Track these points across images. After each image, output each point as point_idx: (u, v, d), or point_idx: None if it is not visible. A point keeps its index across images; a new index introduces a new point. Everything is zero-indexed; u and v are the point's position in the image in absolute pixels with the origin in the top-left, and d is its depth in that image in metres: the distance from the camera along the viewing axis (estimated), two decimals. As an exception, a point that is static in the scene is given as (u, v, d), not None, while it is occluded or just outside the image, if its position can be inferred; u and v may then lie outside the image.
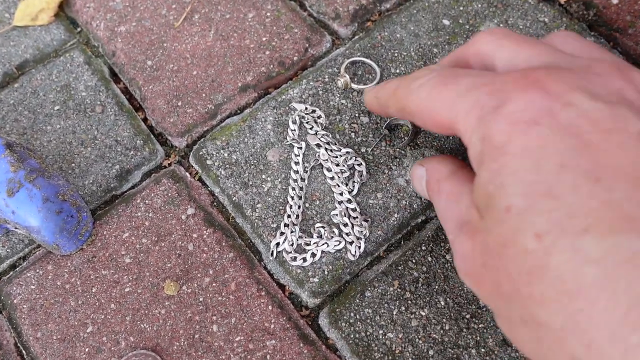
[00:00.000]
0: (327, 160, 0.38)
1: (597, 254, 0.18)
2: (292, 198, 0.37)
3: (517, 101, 0.22)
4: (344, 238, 0.36)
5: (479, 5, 0.44)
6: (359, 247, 0.35)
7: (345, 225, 0.36)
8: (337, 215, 0.36)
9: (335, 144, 0.39)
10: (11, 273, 0.37)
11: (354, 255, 0.35)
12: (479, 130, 0.23)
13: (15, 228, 0.37)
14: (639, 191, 0.19)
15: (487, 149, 0.23)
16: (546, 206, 0.20)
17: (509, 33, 0.27)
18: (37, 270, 0.37)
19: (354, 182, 0.37)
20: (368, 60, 0.42)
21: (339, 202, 0.37)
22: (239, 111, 0.42)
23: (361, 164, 0.38)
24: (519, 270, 0.21)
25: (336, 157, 0.38)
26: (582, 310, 0.18)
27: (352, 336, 0.33)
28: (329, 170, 0.38)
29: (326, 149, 0.39)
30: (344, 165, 0.38)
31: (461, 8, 0.44)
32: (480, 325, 0.33)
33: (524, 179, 0.21)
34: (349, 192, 0.37)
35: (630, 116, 0.21)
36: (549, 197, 0.20)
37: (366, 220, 0.36)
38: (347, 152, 0.38)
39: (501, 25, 0.43)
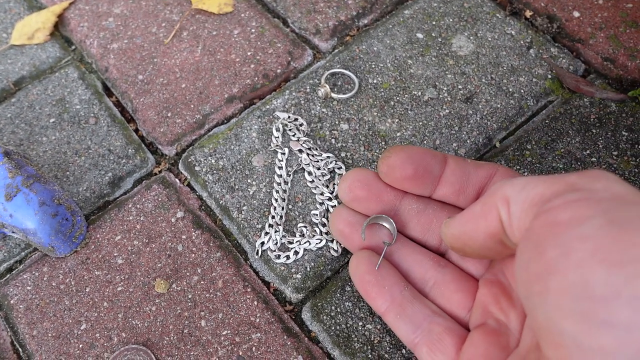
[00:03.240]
0: (308, 164, 0.41)
1: None
2: (276, 200, 0.39)
3: None
4: (325, 237, 0.38)
5: (450, 20, 0.47)
6: (340, 243, 0.37)
7: (324, 225, 0.38)
8: (317, 215, 0.39)
9: (317, 149, 0.41)
10: (8, 275, 0.39)
11: (336, 251, 0.37)
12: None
13: (13, 232, 0.39)
14: None
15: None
16: None
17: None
18: (33, 272, 0.39)
19: (334, 184, 0.40)
20: (347, 72, 0.44)
21: (319, 202, 0.39)
22: (225, 121, 0.44)
23: (341, 167, 0.40)
24: None
25: (317, 161, 0.40)
26: None
27: (333, 328, 0.35)
28: (310, 174, 0.40)
29: (308, 154, 0.41)
30: (324, 169, 0.40)
31: (434, 22, 0.47)
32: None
33: None
34: (331, 193, 0.39)
35: None
36: None
37: None
38: (328, 157, 0.41)
39: (471, 38, 0.46)
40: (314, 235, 0.38)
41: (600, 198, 0.21)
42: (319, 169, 0.40)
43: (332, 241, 0.38)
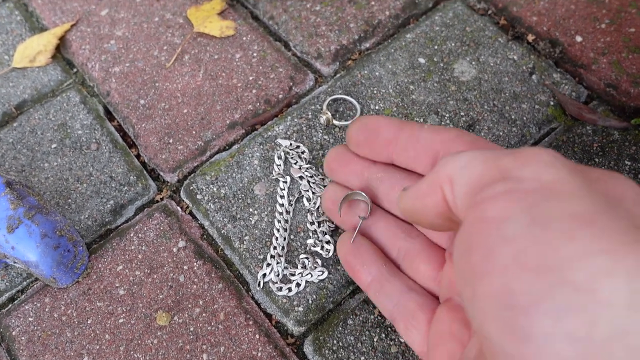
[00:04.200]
0: (307, 190, 0.41)
1: None
2: (278, 230, 0.39)
3: None
4: (326, 269, 0.38)
5: (452, 44, 0.47)
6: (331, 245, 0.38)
7: (318, 255, 0.38)
8: (312, 243, 0.39)
9: (318, 176, 0.41)
10: (10, 306, 0.39)
11: (327, 252, 0.38)
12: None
13: (14, 262, 0.39)
14: None
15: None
16: None
17: None
18: (35, 303, 0.39)
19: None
20: (349, 98, 0.44)
21: (312, 231, 0.39)
22: (227, 147, 0.44)
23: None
24: None
25: (317, 188, 0.40)
26: None
27: (335, 362, 0.35)
28: (308, 200, 0.40)
29: (308, 181, 0.41)
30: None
31: (435, 47, 0.47)
32: (455, 350, 0.35)
33: None
34: (319, 224, 0.39)
35: None
36: None
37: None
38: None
39: (473, 63, 0.46)
40: (315, 267, 0.38)
41: (527, 190, 0.21)
42: (319, 196, 0.40)
43: (327, 242, 0.38)
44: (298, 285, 0.38)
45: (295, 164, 0.42)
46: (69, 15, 0.53)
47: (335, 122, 0.43)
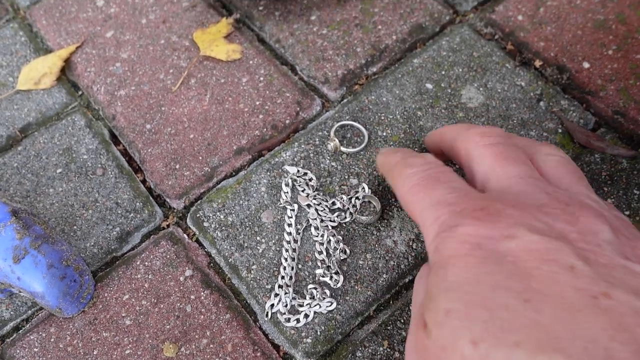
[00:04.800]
0: (315, 219, 0.40)
1: None
2: (286, 259, 0.39)
3: (469, 227, 0.26)
4: (334, 300, 0.38)
5: (460, 70, 0.47)
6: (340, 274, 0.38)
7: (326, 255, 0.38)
8: (321, 273, 0.38)
9: (326, 202, 0.41)
10: (15, 335, 0.39)
11: (336, 282, 0.38)
12: (435, 242, 0.27)
13: (20, 292, 0.38)
14: (563, 314, 0.22)
15: (437, 258, 0.26)
16: (482, 316, 0.22)
17: (495, 143, 0.31)
18: (40, 333, 0.38)
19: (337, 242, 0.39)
20: (356, 124, 0.44)
21: (320, 260, 0.39)
22: (234, 173, 0.44)
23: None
24: None
25: (325, 216, 0.40)
26: None
27: (344, 395, 0.35)
28: (316, 228, 0.40)
29: (316, 209, 0.41)
30: (332, 221, 0.40)
31: (443, 72, 0.47)
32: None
33: (464, 288, 0.24)
34: (328, 256, 0.39)
35: (566, 251, 0.24)
36: (485, 309, 0.23)
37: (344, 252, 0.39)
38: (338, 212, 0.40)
39: (480, 89, 0.46)
40: (324, 298, 0.38)
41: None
42: (324, 226, 0.40)
43: (336, 273, 0.37)
44: (306, 316, 0.37)
45: (302, 191, 0.42)
46: (74, 37, 0.52)
47: (343, 148, 0.43)
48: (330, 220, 0.40)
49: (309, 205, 0.41)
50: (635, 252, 0.25)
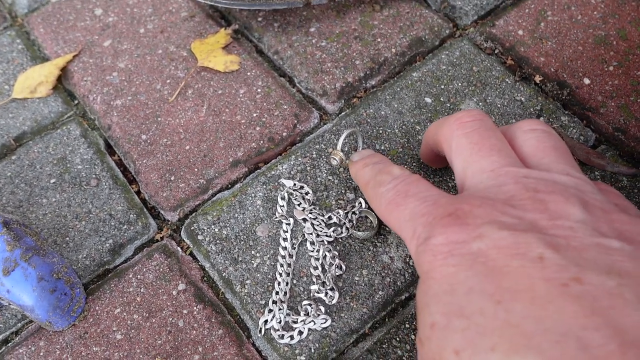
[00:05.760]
0: (311, 233, 0.40)
1: None
2: (280, 275, 0.38)
3: (439, 236, 0.26)
4: (329, 317, 0.37)
5: (459, 84, 0.46)
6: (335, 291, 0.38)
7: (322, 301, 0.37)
8: (316, 290, 0.38)
9: (322, 216, 0.40)
10: (3, 348, 0.38)
11: (331, 298, 0.37)
12: (415, 257, 0.27)
13: (9, 304, 0.38)
14: (533, 309, 0.21)
15: (419, 272, 0.27)
16: (460, 325, 0.23)
17: (470, 131, 0.31)
18: (29, 347, 0.38)
19: (332, 258, 0.39)
20: (359, 139, 0.43)
21: (316, 276, 0.38)
22: (229, 186, 0.43)
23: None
24: None
25: (321, 231, 0.40)
26: None
27: (337, 415, 0.34)
28: (312, 243, 0.39)
29: (312, 224, 0.40)
30: (328, 237, 0.39)
31: (442, 86, 0.46)
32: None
33: (442, 300, 0.24)
34: (323, 272, 0.38)
35: (534, 241, 0.24)
36: (462, 316, 0.23)
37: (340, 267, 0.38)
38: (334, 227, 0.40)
39: (480, 104, 0.45)
40: (318, 315, 0.37)
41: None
42: (320, 241, 0.39)
43: (332, 289, 0.37)
44: (300, 333, 0.37)
45: (298, 205, 0.41)
46: (71, 45, 0.52)
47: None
48: (326, 235, 0.40)
49: (305, 220, 0.40)
50: (613, 226, 0.25)
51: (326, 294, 0.38)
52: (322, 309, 0.37)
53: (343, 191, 0.42)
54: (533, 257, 0.23)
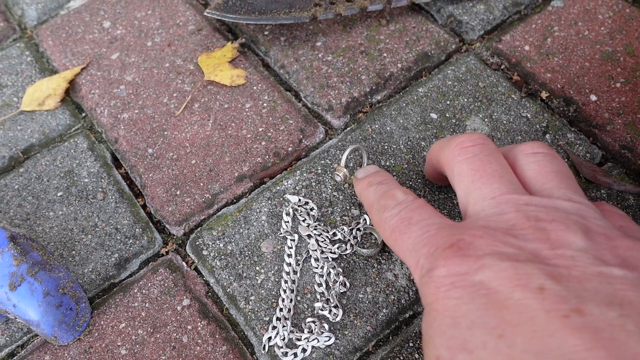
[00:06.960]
0: (315, 250, 0.40)
1: None
2: (285, 291, 0.39)
3: (442, 268, 0.26)
4: (333, 334, 0.37)
5: (465, 100, 0.46)
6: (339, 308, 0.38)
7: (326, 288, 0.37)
8: (320, 307, 0.38)
9: (327, 232, 0.40)
10: (9, 362, 0.38)
11: (335, 316, 0.37)
12: (420, 287, 0.27)
13: (15, 318, 0.38)
14: (535, 343, 0.21)
15: (424, 303, 0.27)
16: (464, 359, 0.23)
17: (471, 156, 0.31)
18: (35, 361, 0.38)
19: (336, 275, 0.39)
20: (365, 158, 0.43)
21: (319, 293, 0.38)
22: (235, 200, 0.44)
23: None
24: None
25: (326, 247, 0.40)
26: None
27: None
28: (316, 260, 0.40)
29: (317, 240, 0.40)
30: (333, 254, 0.39)
31: (448, 102, 0.46)
32: None
33: (446, 333, 0.24)
34: (327, 289, 0.38)
35: (535, 272, 0.24)
36: (465, 351, 0.23)
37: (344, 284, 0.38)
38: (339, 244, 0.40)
39: (485, 120, 0.45)
40: (322, 332, 0.37)
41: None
42: (324, 258, 0.39)
43: (336, 306, 0.37)
44: (304, 350, 0.37)
45: (303, 221, 0.41)
46: (79, 58, 0.52)
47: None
48: (331, 252, 0.40)
49: (309, 236, 0.40)
50: (616, 253, 0.25)
51: (330, 311, 0.38)
52: (326, 326, 0.37)
53: (348, 207, 0.42)
54: (534, 288, 0.23)
